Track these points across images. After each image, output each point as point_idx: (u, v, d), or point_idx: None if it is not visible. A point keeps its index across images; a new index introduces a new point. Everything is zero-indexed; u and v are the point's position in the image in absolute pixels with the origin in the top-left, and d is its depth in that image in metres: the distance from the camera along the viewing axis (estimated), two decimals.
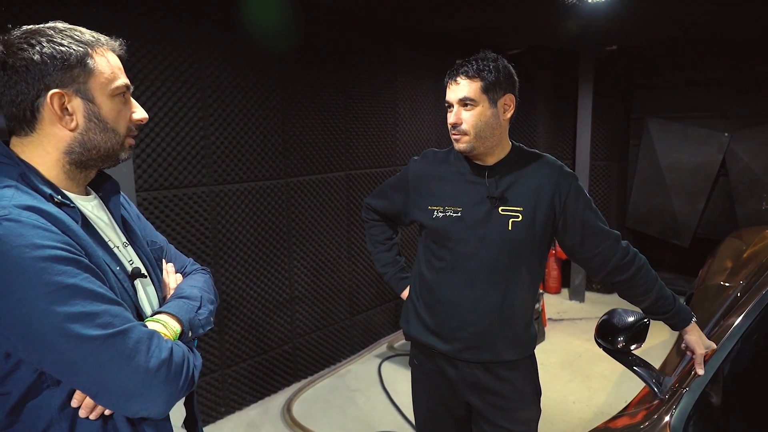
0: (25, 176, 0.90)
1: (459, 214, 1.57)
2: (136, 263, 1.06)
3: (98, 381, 0.83)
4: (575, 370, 3.64)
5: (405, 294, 1.85)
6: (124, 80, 0.99)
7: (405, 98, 4.07)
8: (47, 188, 0.90)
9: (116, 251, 1.01)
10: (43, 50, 0.89)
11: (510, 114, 1.56)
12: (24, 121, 0.91)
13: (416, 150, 4.20)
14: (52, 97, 0.89)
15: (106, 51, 0.97)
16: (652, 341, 3.64)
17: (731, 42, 4.37)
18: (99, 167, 1.02)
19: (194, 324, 1.04)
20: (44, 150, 0.93)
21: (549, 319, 4.56)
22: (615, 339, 1.66)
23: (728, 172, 4.71)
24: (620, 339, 1.65)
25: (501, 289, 1.56)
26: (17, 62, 0.88)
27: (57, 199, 0.90)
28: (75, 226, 0.89)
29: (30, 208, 0.83)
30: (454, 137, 1.55)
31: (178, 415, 1.10)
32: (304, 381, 3.50)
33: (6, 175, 0.89)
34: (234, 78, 2.90)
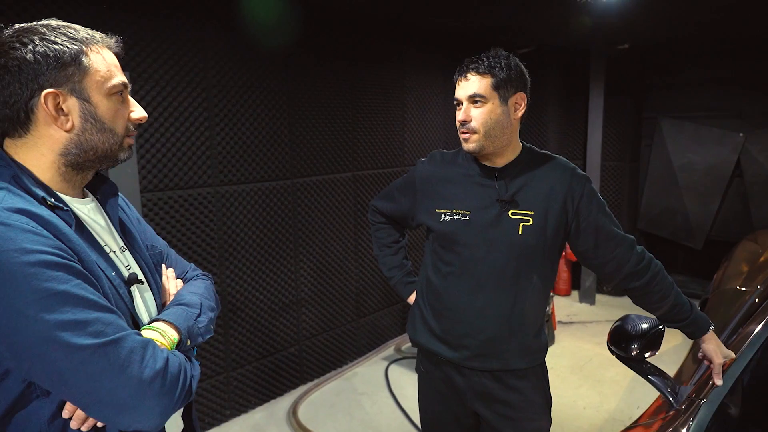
0: (18, 178, 0.87)
1: (467, 218, 1.52)
2: (134, 269, 1.02)
3: (89, 392, 0.79)
4: (585, 375, 3.58)
5: (412, 299, 1.81)
6: (121, 78, 0.95)
7: (413, 98, 4.03)
8: (40, 190, 0.87)
9: (112, 256, 0.97)
10: (36, 49, 0.86)
11: (521, 113, 1.51)
12: (18, 123, 0.88)
13: (424, 151, 4.16)
14: (46, 97, 0.86)
15: (102, 48, 0.94)
16: (665, 346, 3.57)
17: (746, 40, 4.29)
18: (96, 169, 0.99)
19: (193, 332, 1.00)
20: (39, 152, 0.90)
21: (558, 322, 4.50)
22: (628, 346, 1.61)
23: (743, 173, 4.63)
24: (634, 346, 1.60)
25: (510, 296, 1.51)
26: (9, 62, 0.85)
27: (50, 202, 0.87)
28: (68, 230, 0.86)
29: (20, 211, 0.80)
30: (463, 136, 1.50)
31: (175, 427, 1.06)
32: (310, 384, 3.47)
33: None
34: (239, 78, 2.87)
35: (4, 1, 2.05)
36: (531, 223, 1.49)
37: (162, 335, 0.94)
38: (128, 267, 1.01)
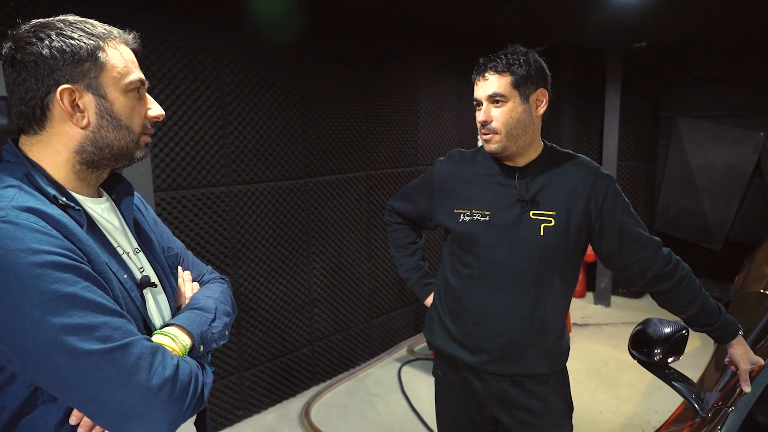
0: (30, 176, 0.85)
1: (487, 219, 1.48)
2: (147, 271, 0.99)
3: (95, 399, 0.76)
4: (602, 378, 3.52)
5: (429, 301, 1.77)
6: (139, 75, 0.93)
7: (426, 97, 3.99)
8: (52, 189, 0.85)
9: (125, 258, 0.95)
10: (53, 44, 0.84)
11: (543, 110, 1.48)
12: (34, 120, 0.86)
13: (438, 150, 4.12)
14: (62, 93, 0.84)
15: (119, 44, 0.92)
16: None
17: (766, 37, 4.19)
18: (112, 167, 0.96)
19: (206, 338, 0.97)
20: (54, 149, 0.88)
21: (573, 324, 4.44)
22: (651, 351, 1.56)
23: (764, 173, 4.53)
24: (657, 351, 1.56)
25: (531, 298, 1.47)
26: (26, 57, 0.83)
27: (61, 201, 0.84)
28: (78, 230, 0.83)
29: (30, 210, 0.78)
30: (484, 137, 1.46)
31: None
32: (323, 385, 3.45)
33: (10, 175, 0.84)
34: (253, 77, 2.85)
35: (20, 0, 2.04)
36: (553, 224, 1.44)
37: (173, 340, 0.91)
38: (141, 269, 0.98)
